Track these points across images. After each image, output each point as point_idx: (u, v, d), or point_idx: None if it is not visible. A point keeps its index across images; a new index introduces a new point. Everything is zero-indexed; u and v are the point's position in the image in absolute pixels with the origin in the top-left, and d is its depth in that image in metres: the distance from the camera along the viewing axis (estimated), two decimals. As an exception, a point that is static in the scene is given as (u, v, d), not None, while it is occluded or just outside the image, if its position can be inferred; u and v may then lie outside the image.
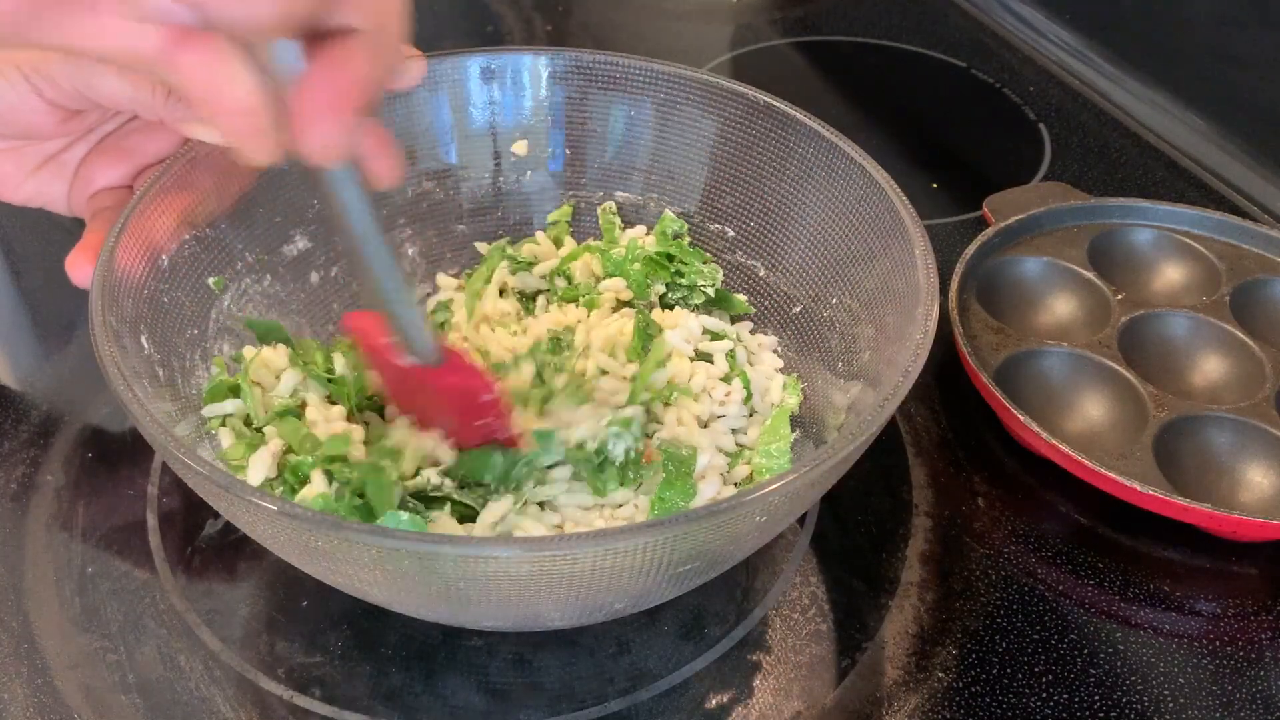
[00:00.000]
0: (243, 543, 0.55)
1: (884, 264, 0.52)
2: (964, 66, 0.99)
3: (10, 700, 0.48)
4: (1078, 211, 0.73)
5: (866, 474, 0.59)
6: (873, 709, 0.49)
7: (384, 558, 0.38)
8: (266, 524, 0.40)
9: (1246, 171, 0.84)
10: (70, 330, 0.68)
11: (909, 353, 0.45)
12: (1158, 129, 0.90)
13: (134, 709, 0.48)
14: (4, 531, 0.55)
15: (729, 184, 0.61)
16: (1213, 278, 0.69)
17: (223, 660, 0.50)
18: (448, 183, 0.63)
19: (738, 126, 0.60)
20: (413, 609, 0.47)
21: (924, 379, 0.65)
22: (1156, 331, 0.66)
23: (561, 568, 0.38)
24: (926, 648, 0.52)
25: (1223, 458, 0.59)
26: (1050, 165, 0.86)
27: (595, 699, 0.49)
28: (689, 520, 0.38)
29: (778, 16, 1.07)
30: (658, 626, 0.52)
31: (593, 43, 1.02)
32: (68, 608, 0.52)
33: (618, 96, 0.62)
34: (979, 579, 0.55)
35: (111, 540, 0.55)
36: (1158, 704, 0.50)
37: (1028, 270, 0.70)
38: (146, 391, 0.43)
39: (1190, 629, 0.53)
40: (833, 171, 0.56)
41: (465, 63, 0.61)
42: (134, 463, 0.59)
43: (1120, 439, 0.59)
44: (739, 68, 0.99)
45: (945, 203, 0.82)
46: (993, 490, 0.60)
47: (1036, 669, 0.51)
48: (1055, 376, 0.63)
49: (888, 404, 0.43)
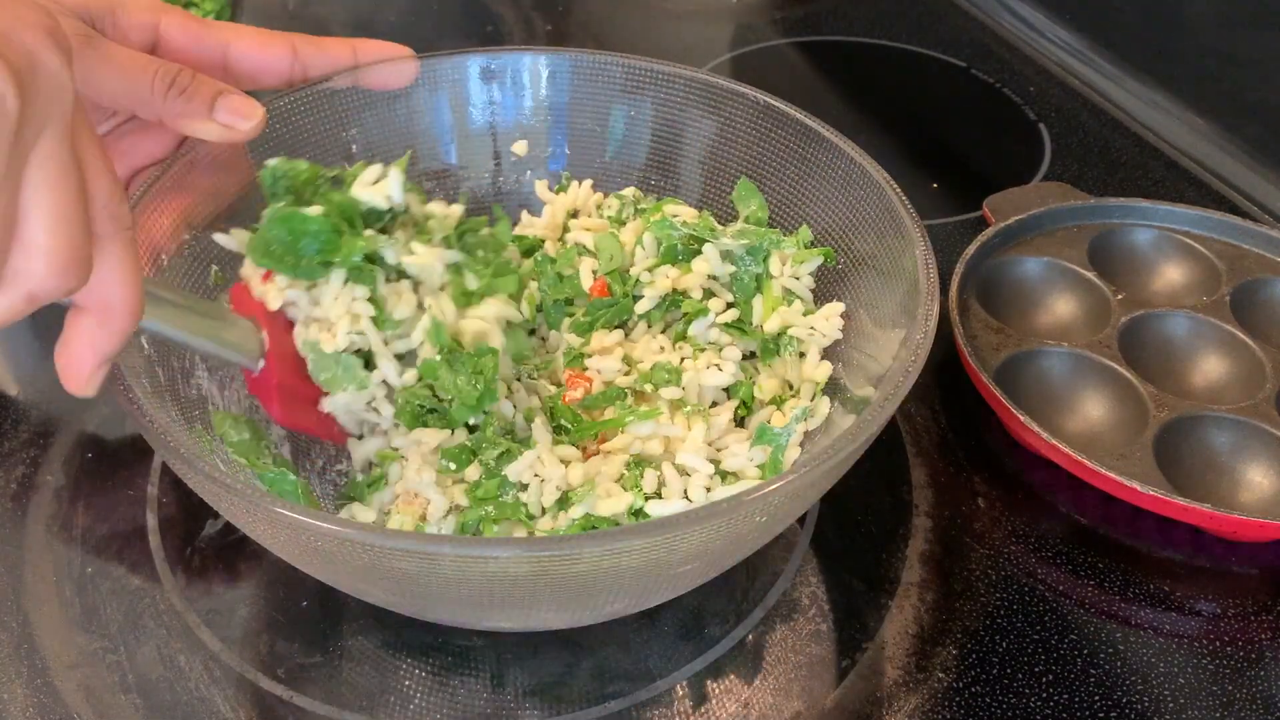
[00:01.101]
0: (243, 543, 0.55)
1: (884, 264, 0.52)
2: (964, 66, 0.99)
3: (10, 700, 0.48)
4: (1078, 211, 0.73)
5: (866, 474, 0.59)
6: (873, 709, 0.49)
7: (383, 558, 0.38)
8: (266, 524, 0.40)
9: (1246, 171, 0.84)
10: (70, 330, 0.68)
11: (909, 353, 0.45)
12: (1158, 129, 0.90)
13: (134, 709, 0.48)
14: (4, 531, 0.55)
15: (729, 184, 0.61)
16: (1213, 278, 0.69)
17: (223, 660, 0.50)
18: (448, 183, 0.63)
19: (738, 126, 0.60)
20: (412, 609, 0.47)
21: (924, 379, 0.65)
22: (1156, 331, 0.66)
23: (561, 568, 0.38)
24: (926, 648, 0.52)
25: (1223, 458, 0.59)
26: (1050, 165, 0.86)
27: (595, 699, 0.49)
28: (689, 520, 0.38)
29: (778, 16, 1.07)
30: (658, 626, 0.52)
31: (593, 43, 1.02)
32: (68, 608, 0.52)
33: (618, 96, 0.62)
34: (979, 579, 0.55)
35: (111, 540, 0.55)
36: (1158, 704, 0.50)
37: (1028, 270, 0.70)
38: (146, 391, 0.43)
39: (1190, 629, 0.53)
40: (833, 171, 0.56)
41: (465, 63, 0.61)
42: (133, 463, 0.59)
43: (1120, 439, 0.59)
44: (739, 68, 0.99)
45: (945, 203, 0.82)
46: (993, 490, 0.60)
47: (1036, 669, 0.51)
48: (1055, 376, 0.63)
49: (888, 404, 0.43)
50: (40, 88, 0.28)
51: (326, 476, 0.54)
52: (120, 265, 0.34)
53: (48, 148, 0.29)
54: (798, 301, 0.56)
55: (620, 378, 0.54)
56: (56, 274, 0.30)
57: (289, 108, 0.55)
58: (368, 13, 1.06)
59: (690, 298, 0.56)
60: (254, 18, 1.01)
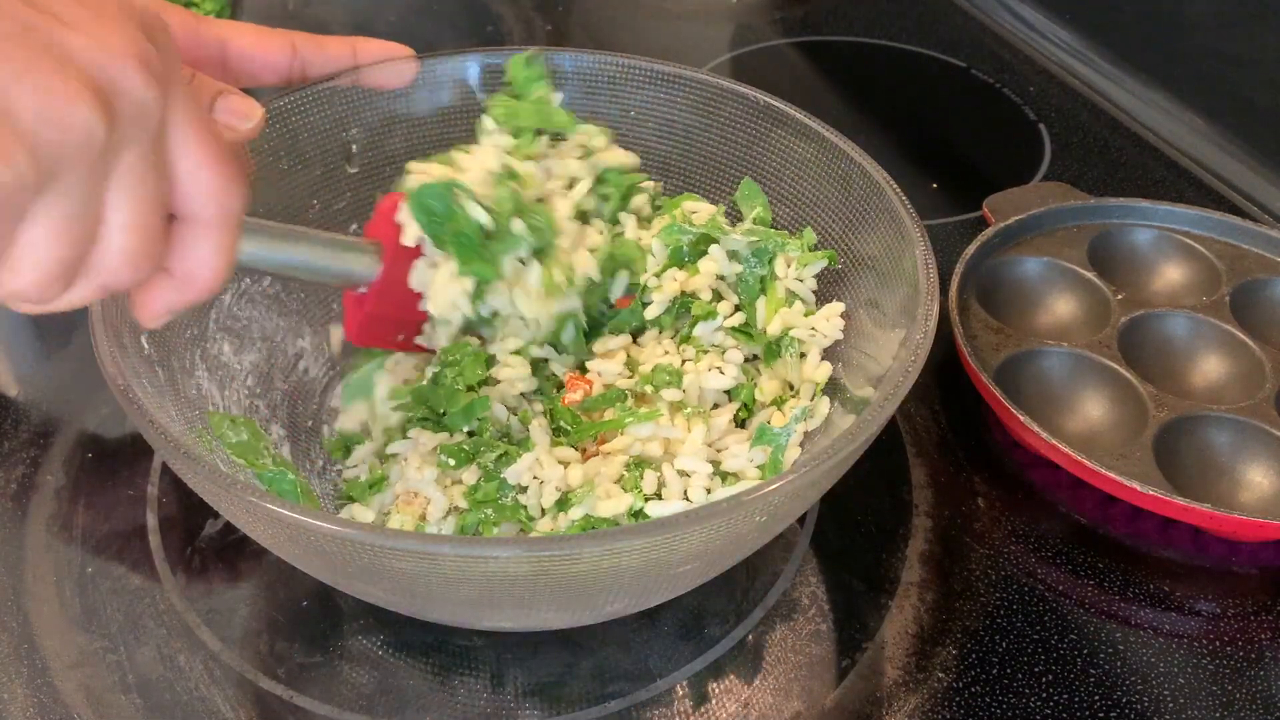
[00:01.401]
0: (243, 543, 0.55)
1: (884, 264, 0.52)
2: (964, 66, 0.99)
3: (10, 700, 0.48)
4: (1078, 211, 0.73)
5: (866, 474, 0.59)
6: (873, 709, 0.49)
7: (384, 558, 0.38)
8: (266, 524, 0.40)
9: (1246, 171, 0.84)
10: (70, 330, 0.68)
11: (909, 353, 0.45)
12: (1158, 129, 0.90)
13: (134, 709, 0.48)
14: (4, 531, 0.55)
15: (729, 184, 0.61)
16: (1213, 278, 0.69)
17: (223, 660, 0.50)
18: (448, 183, 0.63)
19: (738, 126, 0.60)
20: (412, 609, 0.47)
21: (924, 379, 0.65)
22: (1156, 331, 0.66)
23: (561, 568, 0.38)
24: (926, 648, 0.52)
25: (1223, 458, 0.59)
26: (1050, 165, 0.86)
27: (595, 699, 0.49)
28: (689, 520, 0.38)
29: (778, 16, 1.07)
30: (658, 626, 0.52)
31: (593, 43, 1.02)
32: (68, 608, 0.52)
33: (618, 96, 0.62)
34: (979, 579, 0.55)
35: (111, 540, 0.55)
36: (1158, 704, 0.50)
37: (1028, 270, 0.70)
38: (146, 391, 0.43)
39: (1190, 629, 0.53)
40: (833, 171, 0.56)
41: (465, 63, 0.61)
42: (134, 463, 0.59)
43: (1120, 439, 0.59)
44: (739, 68, 0.99)
45: (945, 203, 0.82)
46: (993, 490, 0.60)
47: (1036, 669, 0.51)
48: (1055, 376, 0.63)
49: (888, 404, 0.43)
50: (125, 113, 0.31)
51: (326, 476, 0.55)
52: (213, 251, 0.36)
53: (129, 162, 0.32)
54: (798, 302, 0.56)
55: (620, 379, 0.54)
56: (129, 269, 0.33)
57: (289, 108, 0.55)
58: (368, 13, 1.06)
59: (699, 299, 0.56)
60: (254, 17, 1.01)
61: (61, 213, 0.30)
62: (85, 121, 0.29)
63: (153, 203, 0.33)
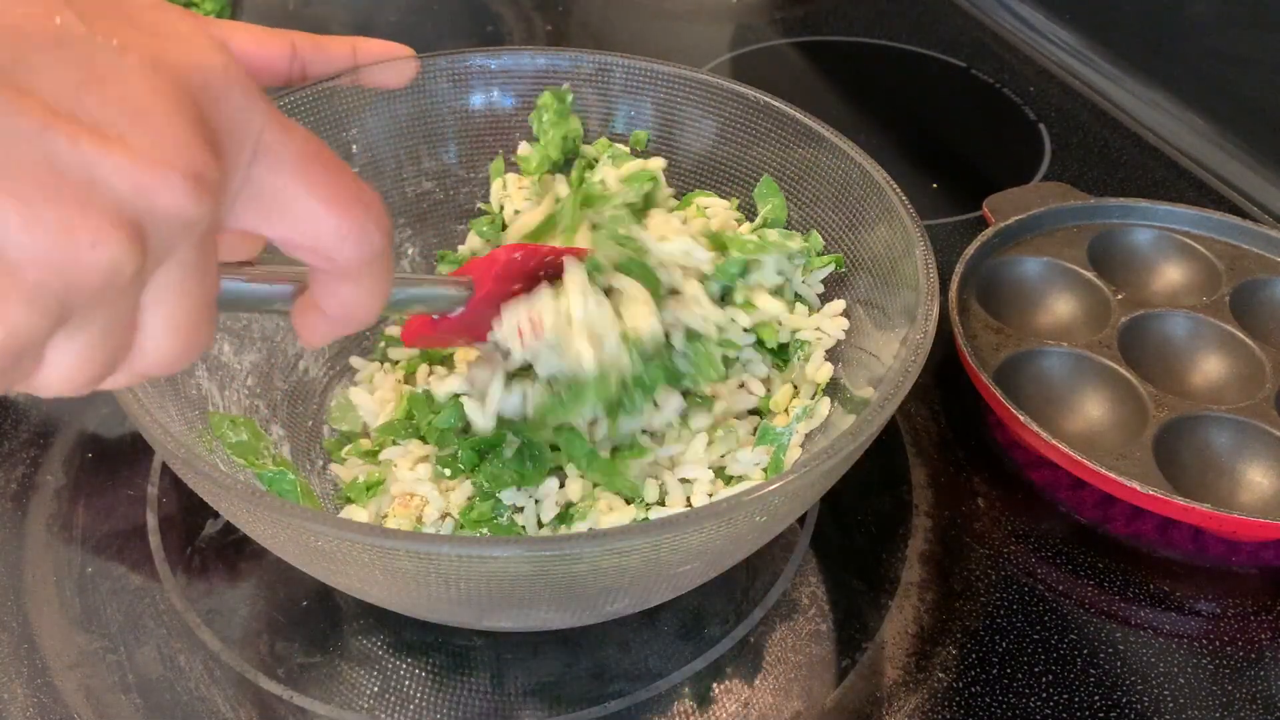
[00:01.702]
0: (243, 543, 0.55)
1: (884, 264, 0.52)
2: (964, 66, 0.99)
3: (10, 700, 0.48)
4: (1078, 211, 0.73)
5: (866, 474, 0.59)
6: (873, 709, 0.49)
7: (383, 557, 0.38)
8: (267, 524, 0.40)
9: (1246, 171, 0.84)
10: (70, 330, 0.68)
11: (909, 353, 0.45)
12: (1158, 129, 0.90)
13: (134, 709, 0.48)
14: (4, 531, 0.55)
15: (729, 184, 0.61)
16: (1213, 278, 0.69)
17: (223, 660, 0.50)
18: (448, 183, 0.63)
19: (738, 126, 0.60)
20: (413, 609, 0.47)
21: (924, 379, 0.65)
22: (1156, 331, 0.66)
23: (561, 568, 0.38)
24: (926, 648, 0.52)
25: (1223, 458, 0.59)
26: (1050, 165, 0.86)
27: (595, 699, 0.49)
28: (689, 520, 0.38)
29: (778, 16, 1.07)
30: (658, 626, 0.52)
31: (593, 43, 1.02)
32: (68, 608, 0.52)
33: (617, 96, 0.62)
34: (979, 579, 0.55)
35: (111, 540, 0.55)
36: (1158, 704, 0.50)
37: (1028, 270, 0.70)
38: (146, 391, 0.43)
39: (1190, 629, 0.53)
40: (833, 171, 0.56)
41: (465, 63, 0.61)
42: (134, 463, 0.59)
43: (1120, 439, 0.59)
44: (739, 68, 0.99)
45: (945, 203, 0.82)
46: (993, 490, 0.60)
47: (1036, 669, 0.51)
48: (1055, 376, 0.63)
49: (888, 404, 0.42)
50: (164, 235, 0.27)
51: (326, 476, 0.55)
52: (364, 295, 0.33)
53: (170, 270, 0.29)
54: (802, 305, 0.56)
55: None
56: (167, 365, 0.31)
57: (289, 108, 0.55)
58: (368, 13, 1.06)
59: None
60: (254, 17, 1.01)
61: (85, 340, 0.28)
62: (109, 262, 0.26)
63: (193, 305, 0.30)
